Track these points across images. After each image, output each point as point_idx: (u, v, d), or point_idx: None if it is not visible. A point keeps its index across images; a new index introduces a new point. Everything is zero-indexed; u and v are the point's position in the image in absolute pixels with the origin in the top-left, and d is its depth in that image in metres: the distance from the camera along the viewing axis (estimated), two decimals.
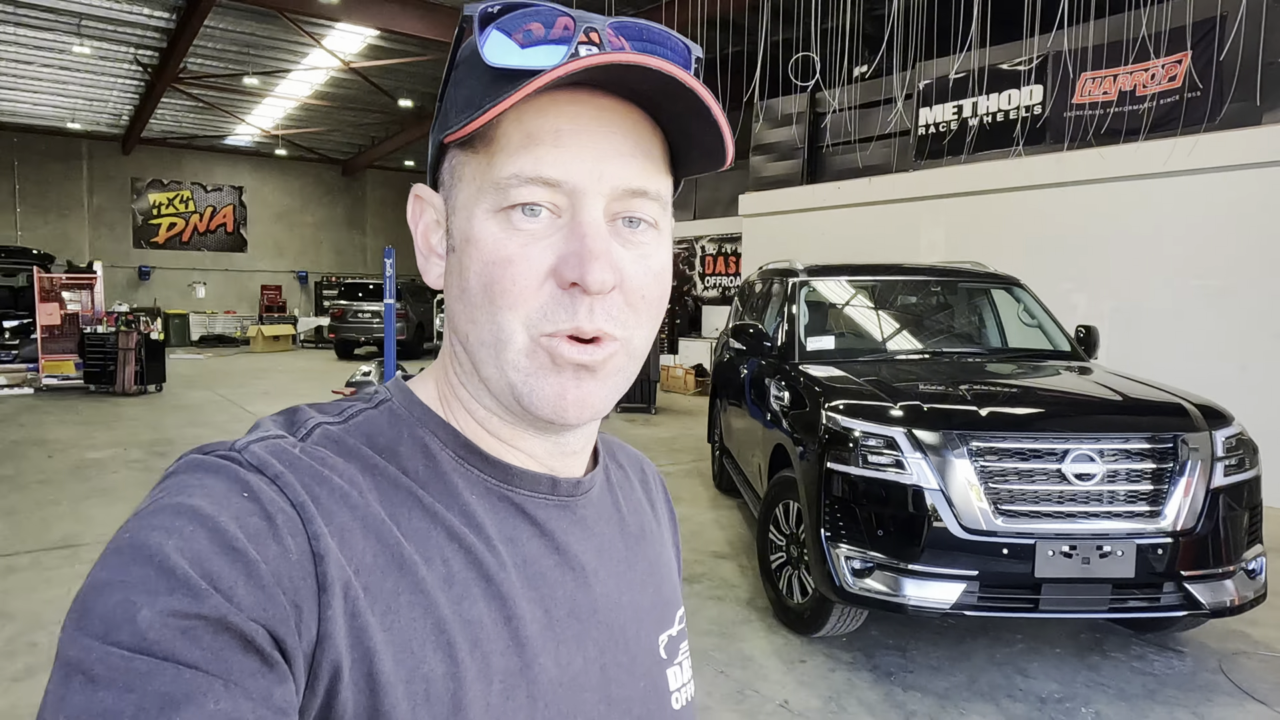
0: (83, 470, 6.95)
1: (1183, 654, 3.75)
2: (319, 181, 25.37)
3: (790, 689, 3.37)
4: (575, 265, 0.50)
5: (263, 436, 0.51)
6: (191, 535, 0.43)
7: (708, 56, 10.23)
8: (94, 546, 4.95)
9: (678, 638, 0.68)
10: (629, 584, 0.63)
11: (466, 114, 0.52)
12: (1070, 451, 3.25)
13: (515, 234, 0.51)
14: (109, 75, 15.91)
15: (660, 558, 0.70)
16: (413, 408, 0.58)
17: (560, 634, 0.55)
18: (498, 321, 0.52)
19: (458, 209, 0.55)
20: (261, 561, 0.43)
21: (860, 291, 5.18)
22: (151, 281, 22.73)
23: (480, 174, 0.53)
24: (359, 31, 13.22)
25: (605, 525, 0.64)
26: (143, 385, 11.68)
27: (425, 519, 0.52)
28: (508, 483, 0.57)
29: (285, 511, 0.46)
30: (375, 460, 0.53)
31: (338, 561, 0.47)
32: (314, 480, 0.49)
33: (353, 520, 0.49)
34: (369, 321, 17.76)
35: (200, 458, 0.49)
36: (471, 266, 0.53)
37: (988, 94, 8.80)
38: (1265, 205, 6.53)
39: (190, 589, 0.41)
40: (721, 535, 5.43)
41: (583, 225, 0.51)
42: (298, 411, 0.55)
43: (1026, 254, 7.87)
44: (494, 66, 0.50)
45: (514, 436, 0.58)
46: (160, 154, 22.54)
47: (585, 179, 0.51)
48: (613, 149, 0.52)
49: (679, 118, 0.54)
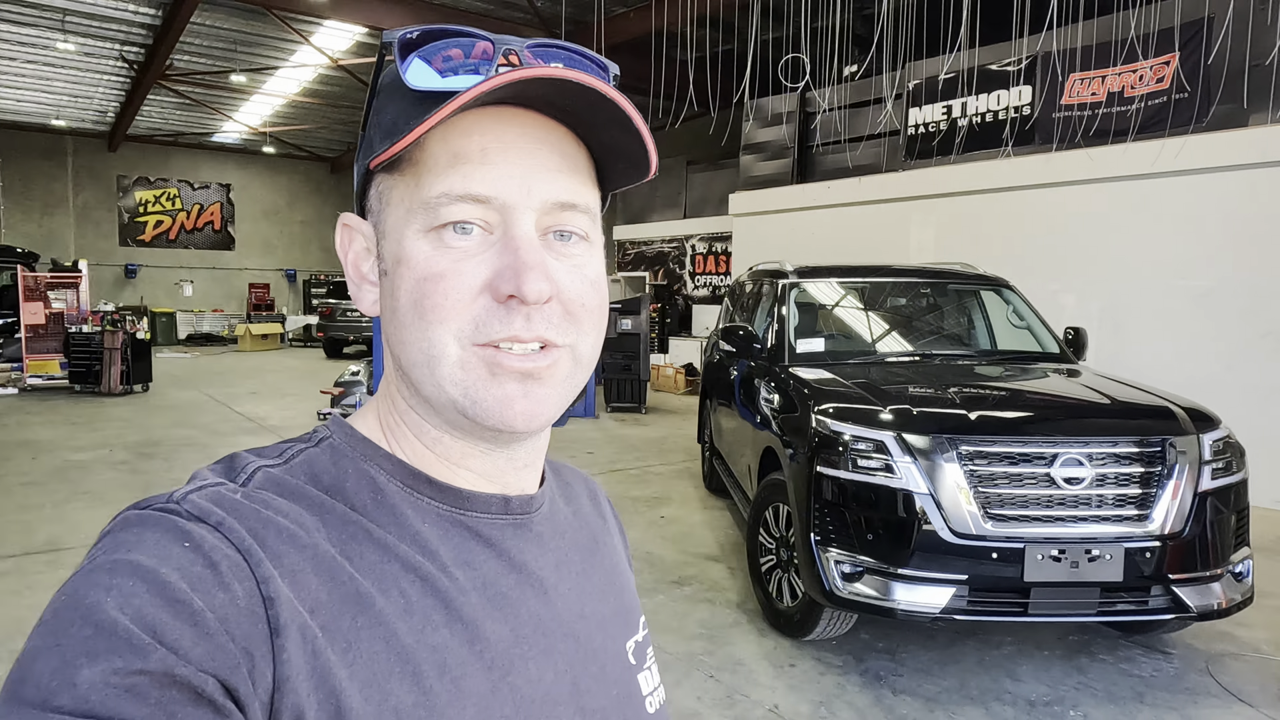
0: (67, 472, 6.88)
1: (1170, 656, 3.76)
2: (307, 179, 25.23)
3: (780, 693, 3.36)
4: (511, 278, 0.51)
5: (201, 485, 0.50)
6: (131, 590, 0.42)
7: (697, 55, 10.25)
8: (78, 550, 4.90)
9: (644, 643, 0.69)
10: (589, 594, 0.64)
11: (391, 138, 0.52)
12: (1059, 455, 3.25)
13: (448, 251, 0.52)
14: (94, 72, 15.76)
15: (617, 566, 0.71)
16: (355, 442, 0.58)
17: (528, 651, 0.56)
18: (428, 337, 0.53)
19: (387, 233, 0.55)
20: (207, 610, 0.43)
21: (850, 293, 5.18)
22: (138, 280, 22.56)
23: (409, 196, 0.53)
24: (347, 29, 13.13)
25: (559, 539, 0.64)
26: (129, 385, 11.59)
27: (378, 552, 0.52)
28: (459, 507, 0.57)
29: (230, 557, 0.46)
30: (321, 498, 0.53)
31: (290, 604, 0.46)
32: (258, 523, 0.48)
33: (303, 560, 0.49)
34: (358, 320, 17.68)
35: (137, 513, 0.48)
36: (402, 285, 0.53)
37: (977, 94, 8.81)
38: (1251, 206, 6.56)
39: (132, 645, 0.40)
40: (711, 537, 5.42)
41: (516, 239, 0.52)
42: (236, 458, 0.55)
43: (1015, 254, 7.89)
44: (416, 90, 0.51)
45: (465, 455, 0.58)
46: (147, 151, 22.36)
47: (515, 194, 0.52)
48: (540, 164, 0.53)
49: (602, 131, 0.55)
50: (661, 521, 5.74)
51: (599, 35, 10.93)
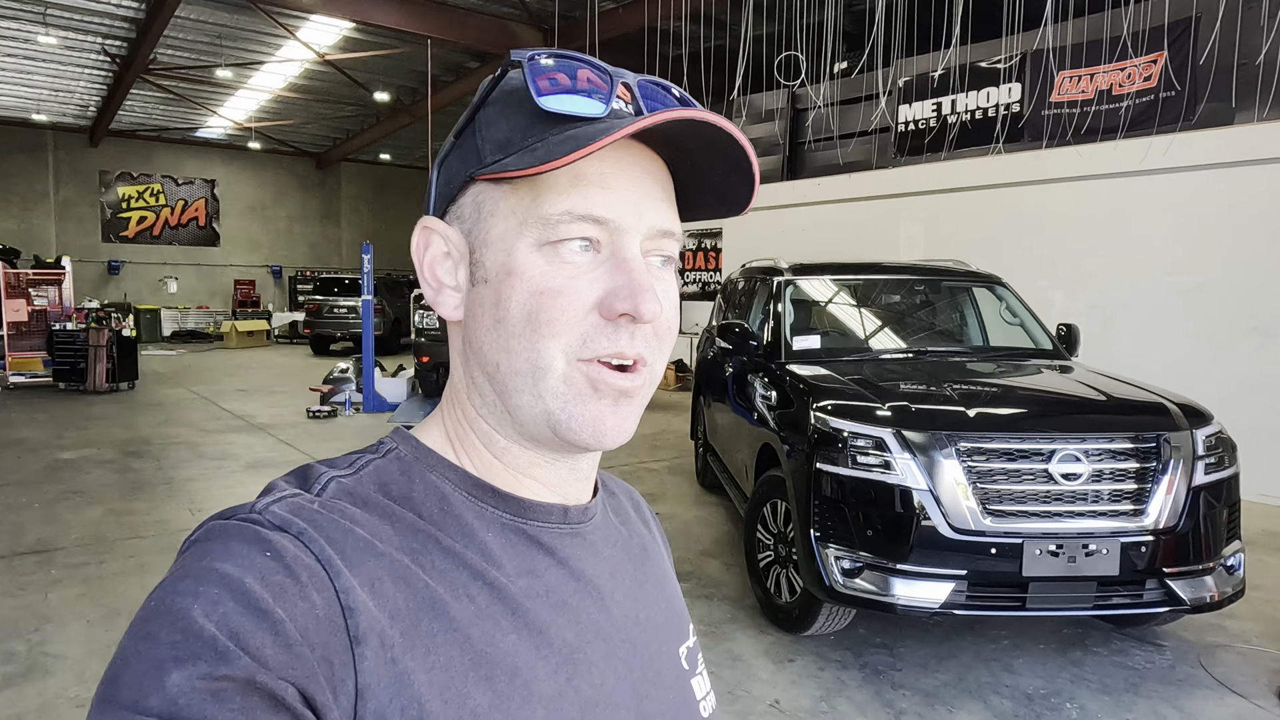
0: (55, 471, 6.81)
1: (1163, 648, 3.81)
2: (293, 175, 25.04)
3: (781, 688, 3.38)
4: (627, 297, 0.53)
5: (280, 496, 0.52)
6: (216, 598, 0.44)
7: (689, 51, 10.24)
8: (69, 550, 4.86)
9: (694, 649, 0.71)
10: (643, 601, 0.66)
11: (507, 152, 0.54)
12: (1057, 451, 3.28)
13: (564, 266, 0.54)
14: (76, 66, 15.56)
15: (666, 574, 0.74)
16: (420, 453, 0.59)
17: (591, 656, 0.57)
18: (538, 349, 0.54)
19: (492, 242, 0.56)
20: (288, 620, 0.44)
21: (844, 290, 5.20)
22: (122, 276, 22.32)
23: (521, 209, 0.55)
24: (334, 24, 13.03)
25: (612, 547, 0.66)
26: (114, 383, 11.48)
27: (447, 560, 0.54)
28: (521, 516, 0.59)
29: (310, 567, 0.47)
30: (392, 508, 0.54)
31: (369, 612, 0.48)
32: (338, 533, 0.50)
33: (380, 568, 0.50)
34: (345, 317, 17.56)
35: (221, 523, 0.49)
36: (514, 296, 0.55)
37: (967, 92, 8.86)
38: (1238, 203, 6.64)
39: (218, 651, 0.42)
40: (707, 533, 5.44)
41: (629, 261, 0.54)
42: (310, 468, 0.56)
43: (1005, 251, 7.94)
44: (550, 111, 0.53)
45: (531, 465, 0.60)
46: (130, 146, 22.11)
47: (628, 218, 0.55)
48: (648, 192, 0.56)
49: (706, 168, 0.59)
50: (657, 518, 5.74)
51: (591, 31, 10.90)
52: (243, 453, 7.65)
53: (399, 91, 17.20)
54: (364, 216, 26.30)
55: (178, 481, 6.54)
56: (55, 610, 4.02)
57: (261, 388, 12.35)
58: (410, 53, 14.16)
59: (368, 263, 10.23)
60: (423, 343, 9.76)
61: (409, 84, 16.76)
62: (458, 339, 0.61)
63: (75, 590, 4.27)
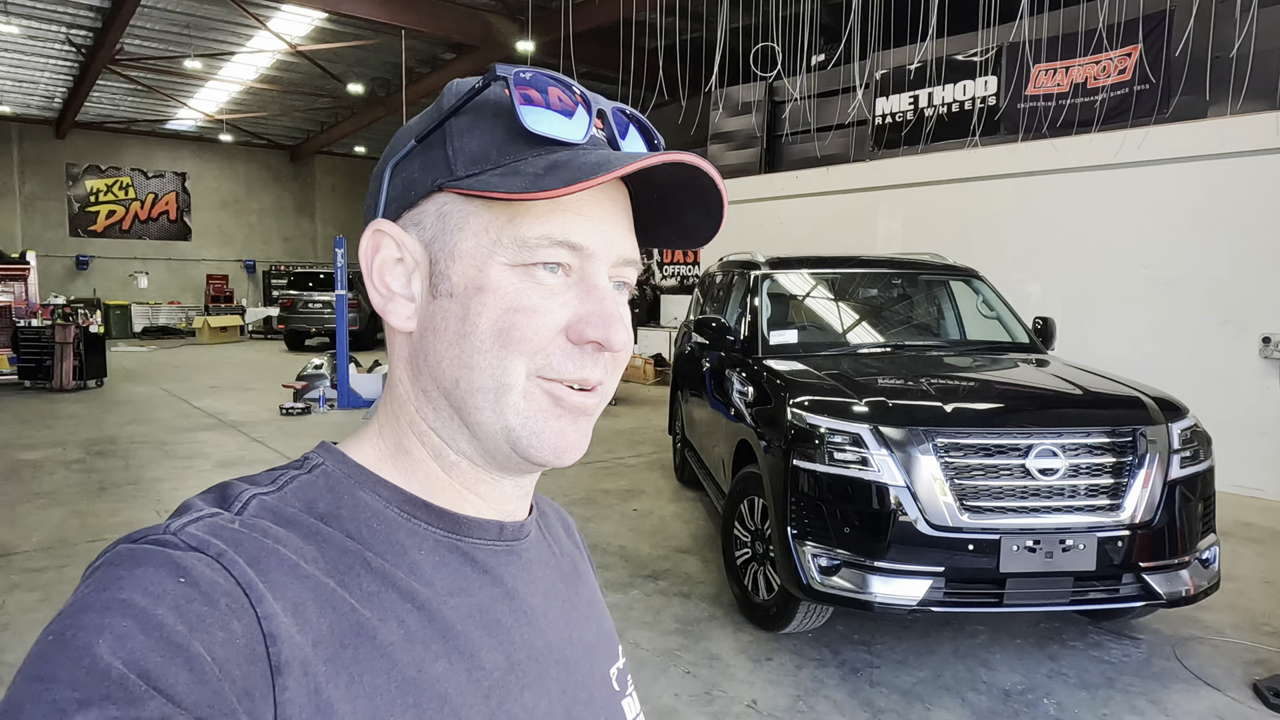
0: (18, 472, 6.64)
1: (1138, 641, 3.82)
2: (266, 168, 24.68)
3: (758, 688, 3.34)
4: (600, 325, 0.54)
5: (197, 515, 0.48)
6: (124, 631, 0.40)
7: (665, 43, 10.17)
8: (30, 554, 4.72)
9: (624, 670, 0.71)
10: (574, 622, 0.65)
11: (482, 168, 0.54)
12: (1034, 446, 3.26)
13: (539, 287, 0.54)
14: (39, 55, 15.20)
15: (595, 594, 0.73)
16: (349, 469, 0.57)
17: (523, 678, 0.56)
18: (504, 365, 0.54)
19: (459, 256, 0.55)
20: (205, 652, 0.41)
21: (821, 284, 5.17)
22: (90, 271, 21.91)
23: (497, 228, 0.54)
24: (306, 14, 12.81)
25: (545, 567, 0.65)
26: (82, 380, 11.25)
27: (375, 581, 0.52)
28: (456, 532, 0.58)
29: (229, 593, 0.44)
30: (317, 526, 0.52)
31: (292, 639, 0.45)
32: (260, 554, 0.47)
33: (304, 591, 0.47)
34: (320, 311, 17.36)
35: (129, 547, 0.45)
36: (485, 312, 0.54)
37: (944, 85, 8.86)
38: (1212, 196, 6.68)
39: (127, 691, 0.38)
40: (684, 529, 5.40)
41: (600, 289, 0.55)
42: (228, 486, 0.53)
43: (981, 244, 7.96)
44: (533, 131, 0.53)
45: (478, 482, 0.59)
46: (97, 138, 21.68)
47: (600, 246, 0.55)
48: (615, 221, 0.57)
49: (673, 204, 0.60)
50: (634, 515, 5.70)
51: (566, 22, 10.79)
52: (213, 451, 7.50)
53: (373, 83, 16.97)
54: (339, 210, 25.98)
55: (145, 482, 6.40)
56: (13, 617, 3.90)
57: (234, 384, 12.15)
58: (384, 44, 13.96)
59: (341, 257, 10.09)
60: None
61: (383, 75, 16.53)
62: (404, 349, 0.58)
63: (35, 596, 4.15)
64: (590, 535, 5.11)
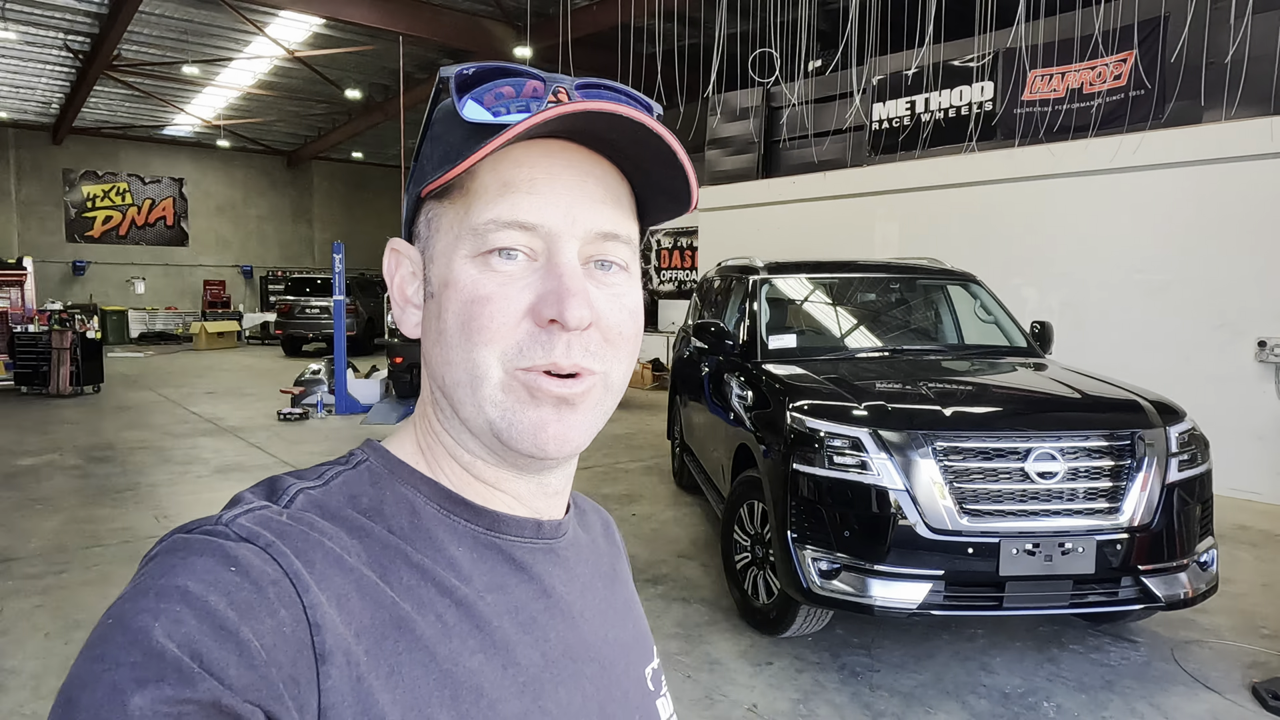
0: (15, 478, 6.62)
1: (1137, 644, 3.83)
2: (263, 173, 24.67)
3: (759, 692, 3.35)
4: (554, 303, 0.52)
5: (247, 508, 0.50)
6: (178, 616, 0.42)
7: (664, 49, 10.21)
8: (28, 560, 4.71)
9: (659, 670, 0.71)
10: (611, 621, 0.66)
11: (444, 167, 0.55)
12: (1033, 450, 3.27)
13: (493, 274, 0.54)
14: (36, 61, 15.20)
15: (632, 595, 0.74)
16: (391, 465, 0.58)
17: (558, 675, 0.57)
18: (473, 359, 0.54)
19: (435, 257, 0.57)
20: (254, 638, 0.43)
21: (820, 288, 5.18)
22: (87, 277, 21.86)
23: (457, 222, 0.55)
24: (303, 20, 12.83)
25: (583, 565, 0.66)
26: (79, 386, 11.22)
27: (415, 575, 0.53)
28: (494, 529, 0.58)
29: (277, 582, 0.46)
30: (361, 521, 0.53)
31: (335, 629, 0.46)
32: (306, 546, 0.49)
33: (348, 583, 0.49)
34: (318, 317, 17.33)
35: (184, 536, 0.47)
36: (449, 307, 0.55)
37: (941, 90, 8.90)
38: (1207, 201, 6.72)
39: (180, 672, 0.40)
40: (684, 534, 5.40)
41: (560, 266, 0.54)
42: (276, 480, 0.55)
43: (978, 249, 7.98)
44: (471, 122, 0.54)
45: (500, 479, 0.60)
46: (94, 144, 21.66)
47: (560, 223, 0.54)
48: (585, 195, 0.55)
49: (644, 165, 0.57)
50: (633, 519, 5.70)
51: (564, 28, 10.82)
52: (211, 457, 7.49)
53: (371, 89, 16.99)
54: (336, 215, 25.98)
55: (143, 487, 6.38)
56: (11, 623, 3.89)
57: (231, 390, 12.14)
58: (382, 50, 13.98)
59: (339, 262, 10.09)
60: (396, 343, 9.63)
61: (381, 81, 16.55)
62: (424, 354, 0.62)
63: (32, 602, 4.14)
64: None
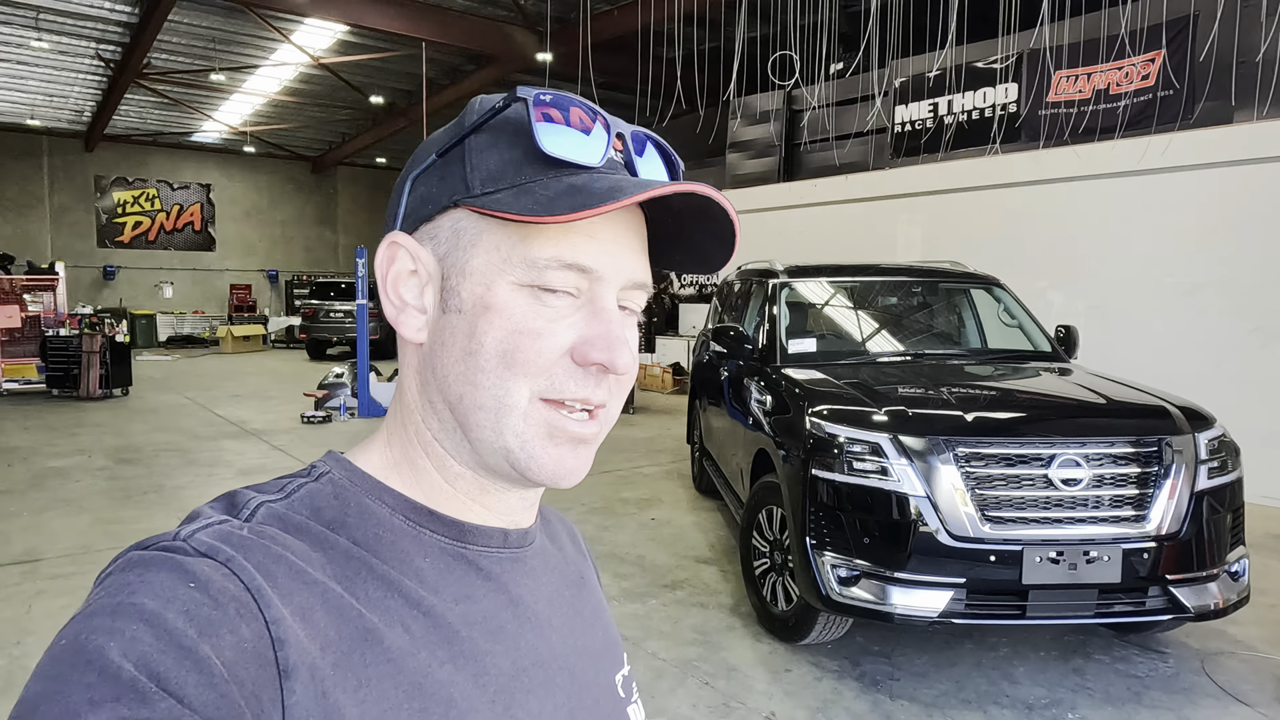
0: (44, 479, 6.74)
1: (1165, 655, 3.75)
2: (288, 179, 24.97)
3: (777, 700, 3.31)
4: (605, 348, 0.54)
5: (206, 523, 0.49)
6: (135, 634, 0.41)
7: (684, 52, 10.21)
8: (55, 561, 4.79)
9: (629, 676, 0.71)
10: (580, 628, 0.66)
11: (498, 187, 0.54)
12: (1057, 456, 3.22)
13: (544, 309, 0.54)
14: (69, 70, 15.50)
15: (601, 601, 0.74)
16: (355, 477, 0.58)
17: (529, 684, 0.57)
18: (506, 386, 0.54)
19: (470, 273, 0.56)
20: (214, 655, 0.42)
21: (840, 292, 5.14)
22: (117, 281, 22.24)
23: (508, 247, 0.54)
24: (328, 27, 12.97)
25: (550, 574, 0.66)
26: (108, 389, 11.41)
27: (381, 588, 0.52)
28: (461, 540, 0.58)
29: (238, 598, 0.45)
30: (324, 533, 0.53)
31: (300, 644, 0.46)
32: (268, 560, 0.48)
33: (312, 597, 0.48)
34: (342, 321, 17.51)
35: (140, 553, 0.46)
36: (490, 332, 0.54)
37: (964, 92, 8.81)
38: (1238, 203, 6.59)
39: (138, 693, 0.39)
40: (703, 539, 5.37)
41: (606, 312, 0.55)
42: (236, 494, 0.54)
43: (1002, 252, 7.89)
44: (550, 154, 0.53)
45: (482, 493, 0.60)
46: (124, 151, 22.04)
47: (610, 270, 0.55)
48: (627, 246, 0.57)
49: (686, 229, 0.60)
50: (652, 524, 5.68)
51: (584, 33, 10.85)
52: (235, 459, 7.58)
53: (394, 95, 17.14)
54: (360, 220, 26.23)
55: (168, 489, 6.47)
56: (38, 623, 3.95)
57: (256, 393, 12.28)
58: (405, 56, 14.10)
59: (362, 267, 10.18)
60: None
61: (404, 87, 16.69)
62: (414, 359, 0.59)
63: (60, 602, 4.20)
64: (608, 544, 5.10)
